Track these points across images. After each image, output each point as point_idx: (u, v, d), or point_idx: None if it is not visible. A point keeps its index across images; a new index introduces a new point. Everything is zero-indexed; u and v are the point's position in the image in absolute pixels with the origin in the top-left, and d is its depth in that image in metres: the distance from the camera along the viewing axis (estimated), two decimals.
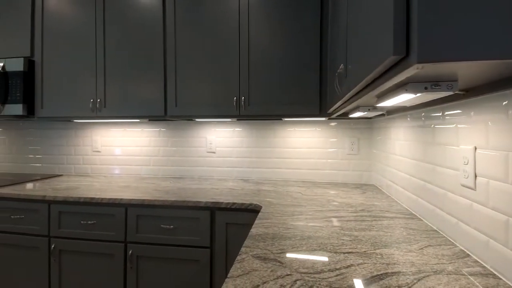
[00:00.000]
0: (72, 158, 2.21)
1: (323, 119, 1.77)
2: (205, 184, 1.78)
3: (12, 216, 1.55)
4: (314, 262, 0.75)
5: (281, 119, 1.86)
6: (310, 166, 1.90)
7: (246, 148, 1.99)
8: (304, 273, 0.69)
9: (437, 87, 0.66)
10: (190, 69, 1.70)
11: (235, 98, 1.65)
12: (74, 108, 1.83)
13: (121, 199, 1.43)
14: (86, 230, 1.47)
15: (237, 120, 1.98)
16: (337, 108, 1.24)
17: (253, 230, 0.98)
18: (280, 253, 0.80)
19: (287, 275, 0.68)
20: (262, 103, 1.63)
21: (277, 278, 0.67)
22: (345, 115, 1.51)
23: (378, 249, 0.83)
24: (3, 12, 1.92)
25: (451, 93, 0.67)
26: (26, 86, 1.85)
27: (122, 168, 2.14)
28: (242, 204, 1.34)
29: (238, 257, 0.78)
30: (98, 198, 1.44)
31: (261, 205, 1.30)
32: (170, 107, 1.73)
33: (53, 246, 1.49)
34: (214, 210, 1.39)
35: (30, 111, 1.87)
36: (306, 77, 1.58)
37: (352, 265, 0.73)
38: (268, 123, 1.96)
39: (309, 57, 1.58)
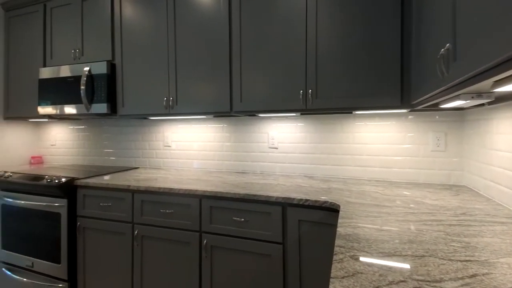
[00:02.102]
0: (146, 152, 2.40)
1: (403, 111, 1.60)
2: (270, 180, 1.76)
3: (100, 204, 1.74)
4: (428, 269, 0.66)
5: (351, 113, 1.74)
6: (385, 164, 1.74)
7: (310, 144, 1.92)
8: (420, 280, 0.61)
9: None
10: (255, 64, 1.69)
11: (301, 91, 1.59)
12: (149, 106, 1.97)
13: (196, 190, 1.49)
14: (165, 218, 1.56)
15: (301, 114, 1.92)
16: (430, 97, 1.10)
17: (341, 230, 0.92)
18: (382, 256, 0.73)
19: (401, 281, 0.61)
20: (331, 96, 1.54)
21: (390, 284, 0.60)
22: (433, 106, 1.34)
23: (502, 258, 0.70)
24: (88, 22, 2.15)
25: None
26: (109, 87, 2.05)
27: (190, 162, 2.25)
28: (316, 201, 1.29)
29: (335, 257, 0.73)
30: (176, 189, 1.52)
31: (338, 203, 1.22)
32: (236, 103, 1.75)
33: (136, 232, 1.62)
34: (285, 205, 1.36)
35: (113, 110, 2.07)
36: (383, 65, 1.44)
37: (476, 274, 0.63)
38: (334, 117, 1.86)
39: (388, 42, 1.43)
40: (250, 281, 1.40)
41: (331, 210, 1.27)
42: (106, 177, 1.88)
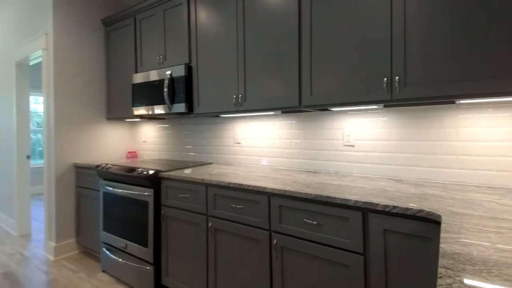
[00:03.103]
0: (219, 149, 2.50)
1: None
2: (346, 181, 1.58)
3: (180, 195, 1.86)
4: None
5: (453, 103, 1.42)
6: (502, 166, 1.35)
7: (396, 141, 1.65)
8: None
9: None
10: (327, 50, 1.53)
11: (385, 79, 1.37)
12: (220, 104, 2.03)
13: (265, 187, 1.44)
14: (236, 213, 1.57)
15: (384, 107, 1.67)
16: None
17: (445, 247, 0.72)
18: (509, 285, 0.52)
19: None
20: (426, 82, 1.27)
21: None
22: None
23: None
24: (169, 30, 2.35)
25: None
26: (187, 88, 2.19)
27: (258, 159, 2.24)
28: (407, 209, 1.07)
29: (441, 281, 0.56)
30: (245, 185, 1.51)
31: (438, 213, 0.99)
32: (305, 97, 1.63)
33: (210, 224, 1.68)
34: (366, 211, 1.18)
35: (190, 109, 2.21)
36: (497, 36, 1.11)
37: None
38: (428, 109, 1.55)
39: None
40: None
41: (428, 221, 1.04)
42: (185, 171, 2.02)
